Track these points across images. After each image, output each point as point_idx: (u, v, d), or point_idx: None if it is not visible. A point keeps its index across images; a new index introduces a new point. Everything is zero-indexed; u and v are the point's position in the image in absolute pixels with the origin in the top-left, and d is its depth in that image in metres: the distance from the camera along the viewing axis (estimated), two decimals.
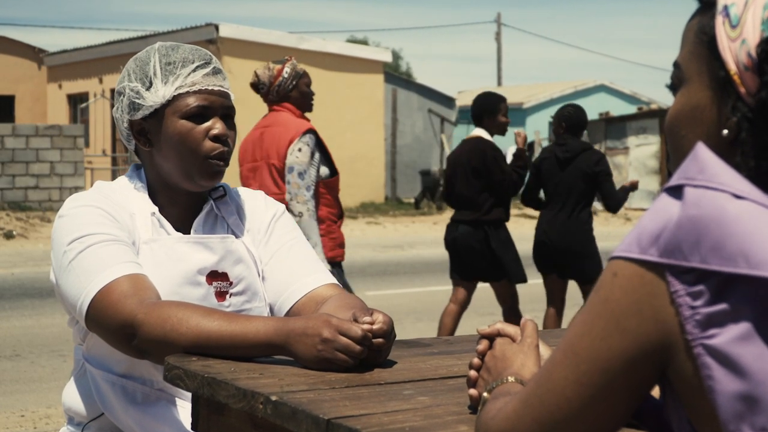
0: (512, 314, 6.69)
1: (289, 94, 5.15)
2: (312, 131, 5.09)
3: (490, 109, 6.52)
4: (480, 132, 6.56)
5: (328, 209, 5.16)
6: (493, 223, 6.55)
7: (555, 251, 6.76)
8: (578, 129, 6.83)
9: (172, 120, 2.09)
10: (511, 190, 6.52)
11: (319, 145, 5.11)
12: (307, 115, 5.34)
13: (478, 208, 6.53)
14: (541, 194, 7.01)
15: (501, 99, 6.62)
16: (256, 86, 5.16)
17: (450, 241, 6.70)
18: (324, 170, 5.14)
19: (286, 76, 5.11)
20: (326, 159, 5.19)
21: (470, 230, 6.55)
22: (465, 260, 6.62)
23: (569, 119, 6.82)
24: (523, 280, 6.67)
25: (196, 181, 2.10)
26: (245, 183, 5.22)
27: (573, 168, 6.72)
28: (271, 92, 5.14)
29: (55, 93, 27.25)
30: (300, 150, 5.00)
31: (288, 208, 4.76)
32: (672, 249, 1.04)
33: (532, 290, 10.79)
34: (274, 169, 5.08)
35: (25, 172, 18.36)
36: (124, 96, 2.13)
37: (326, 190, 5.15)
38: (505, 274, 6.60)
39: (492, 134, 6.56)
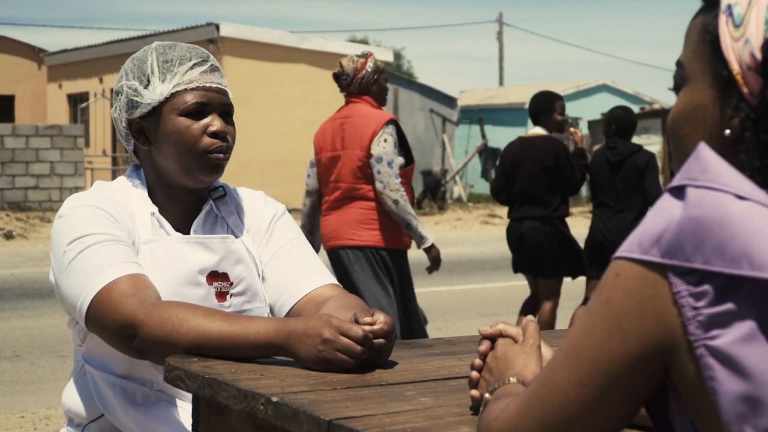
0: (553, 311, 6.83)
1: (370, 87, 5.35)
2: (393, 121, 5.32)
3: (546, 108, 6.63)
4: (541, 130, 6.66)
5: None
6: (560, 219, 6.70)
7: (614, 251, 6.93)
8: (628, 131, 7.02)
9: (170, 117, 2.09)
10: (575, 188, 6.68)
11: (399, 135, 5.35)
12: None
13: (547, 205, 6.66)
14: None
15: (556, 97, 6.72)
16: (339, 76, 5.34)
17: (517, 238, 6.78)
18: (400, 159, 5.37)
19: (369, 70, 5.32)
20: (403, 148, 5.42)
21: (538, 226, 6.65)
22: (533, 256, 6.71)
23: (618, 121, 7.02)
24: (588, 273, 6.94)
25: (196, 177, 2.10)
26: (324, 171, 5.43)
27: (625, 170, 6.91)
28: (353, 84, 5.33)
29: (55, 93, 27.25)
30: (386, 141, 5.24)
31: (381, 197, 5.14)
32: (674, 250, 1.04)
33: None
34: (356, 160, 5.29)
35: (25, 172, 18.35)
36: (122, 95, 2.14)
37: (403, 178, 5.36)
38: (563, 271, 6.75)
39: (550, 132, 6.68)
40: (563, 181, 6.59)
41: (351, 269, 5.38)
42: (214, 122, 2.10)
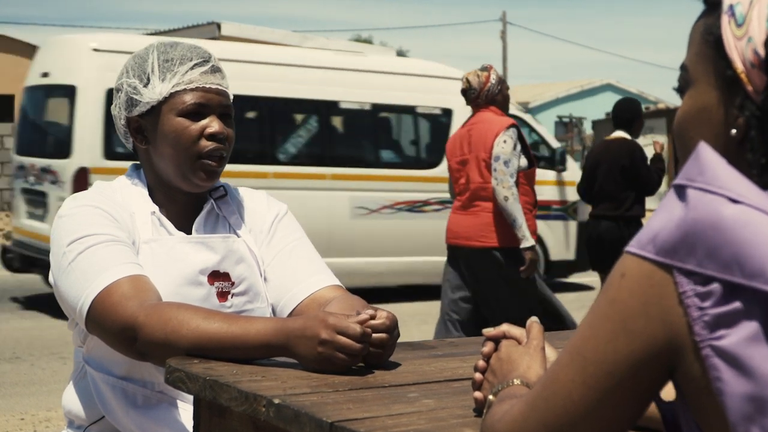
0: None
1: (495, 98, 5.79)
2: (515, 126, 5.72)
3: (638, 114, 7.15)
4: (622, 133, 7.06)
5: (525, 198, 5.74)
6: (633, 218, 6.97)
7: None
8: (625, 123, 7.22)
9: (169, 117, 2.08)
10: (653, 188, 6.98)
11: (520, 139, 5.73)
12: None
13: (620, 204, 6.97)
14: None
15: (641, 104, 7.32)
16: (467, 92, 5.80)
17: (595, 237, 7.09)
18: (523, 161, 5.77)
19: (493, 81, 5.77)
20: (525, 151, 5.81)
21: (613, 225, 6.96)
22: (609, 254, 6.88)
23: (613, 111, 7.27)
24: None
25: (191, 180, 2.09)
26: (455, 175, 5.94)
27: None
28: (480, 97, 5.78)
29: None
30: (505, 141, 5.63)
31: (494, 193, 5.39)
32: (669, 249, 1.04)
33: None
34: (481, 162, 5.73)
35: None
36: (121, 92, 2.13)
37: (525, 180, 5.78)
38: None
39: (636, 136, 7.11)
40: (639, 182, 6.92)
41: (475, 269, 5.80)
42: (213, 124, 2.09)
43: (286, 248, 2.18)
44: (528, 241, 5.66)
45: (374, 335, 1.77)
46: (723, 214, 1.02)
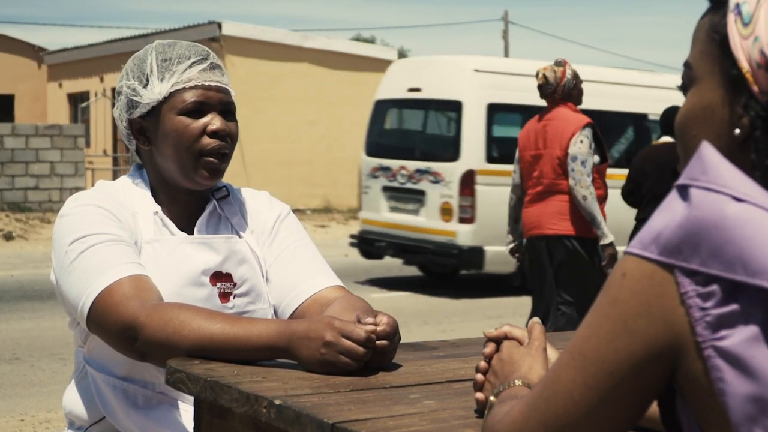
0: None
1: (571, 92, 6.05)
2: (591, 125, 6.00)
3: None
4: (671, 139, 7.14)
5: (597, 192, 6.02)
6: None
7: None
8: (669, 128, 7.37)
9: (169, 117, 2.08)
10: None
11: (595, 136, 6.01)
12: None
13: None
14: None
15: None
16: (544, 87, 6.04)
17: None
18: (596, 157, 6.04)
19: (569, 76, 6.03)
20: (599, 147, 6.09)
21: None
22: None
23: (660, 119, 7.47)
24: None
25: (193, 178, 2.09)
26: (527, 168, 6.21)
27: None
28: (557, 92, 6.03)
29: (55, 92, 27.29)
30: (582, 141, 5.91)
31: (572, 193, 5.73)
32: (672, 249, 1.04)
33: None
34: (555, 159, 6.01)
35: (24, 172, 18.34)
36: (122, 95, 2.13)
37: (597, 174, 6.05)
38: None
39: None
40: None
41: (549, 255, 6.08)
42: (214, 121, 2.09)
43: (288, 249, 2.17)
44: (607, 238, 5.90)
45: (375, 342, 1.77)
46: (727, 213, 1.02)
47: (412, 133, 12.04)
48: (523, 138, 6.26)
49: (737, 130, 1.11)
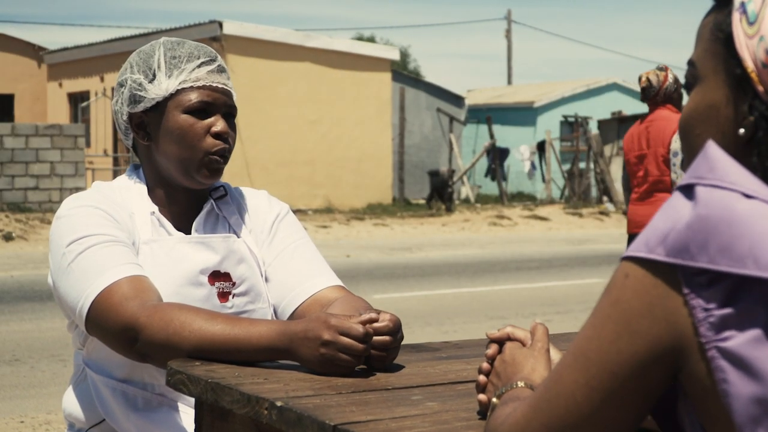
0: None
1: (672, 95, 6.35)
2: None
3: None
4: None
5: None
6: None
7: None
8: None
9: (174, 114, 2.07)
10: None
11: None
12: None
13: None
14: None
15: None
16: (647, 90, 6.35)
17: None
18: None
19: (671, 80, 6.33)
20: None
21: None
22: None
23: None
24: None
25: (194, 177, 2.09)
26: (633, 169, 6.55)
27: None
28: (659, 95, 6.34)
29: (55, 92, 27.27)
30: None
31: (673, 186, 6.19)
32: (679, 249, 1.03)
33: (543, 294, 10.80)
34: (659, 157, 6.34)
35: (24, 172, 18.33)
36: (125, 88, 2.12)
37: None
38: None
39: None
40: None
41: None
42: (218, 123, 2.09)
43: (287, 249, 2.17)
44: None
45: (377, 338, 1.76)
46: (737, 209, 1.01)
47: None
48: (627, 141, 6.61)
49: (741, 130, 1.10)
